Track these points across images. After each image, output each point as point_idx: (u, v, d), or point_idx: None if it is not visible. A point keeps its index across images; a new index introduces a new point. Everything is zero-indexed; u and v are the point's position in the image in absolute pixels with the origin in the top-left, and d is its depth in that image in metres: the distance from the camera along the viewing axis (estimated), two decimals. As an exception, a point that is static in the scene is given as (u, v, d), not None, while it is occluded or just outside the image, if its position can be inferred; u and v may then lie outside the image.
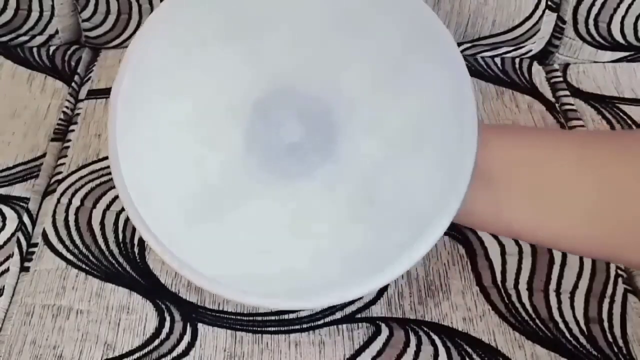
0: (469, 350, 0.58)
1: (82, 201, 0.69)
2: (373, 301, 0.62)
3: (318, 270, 0.51)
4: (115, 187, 0.69)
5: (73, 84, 0.84)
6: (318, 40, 0.53)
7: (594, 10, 0.82)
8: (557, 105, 0.80)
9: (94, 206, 0.68)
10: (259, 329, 0.60)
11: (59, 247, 0.66)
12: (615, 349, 0.58)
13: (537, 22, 0.83)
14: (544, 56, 0.87)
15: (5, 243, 0.67)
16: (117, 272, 0.64)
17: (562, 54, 0.86)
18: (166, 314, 0.61)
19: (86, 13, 0.85)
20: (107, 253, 0.65)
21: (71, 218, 0.68)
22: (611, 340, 0.59)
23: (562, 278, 0.62)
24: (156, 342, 0.59)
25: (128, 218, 0.67)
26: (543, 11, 0.82)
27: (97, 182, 0.70)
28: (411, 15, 0.51)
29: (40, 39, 0.87)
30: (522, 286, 0.62)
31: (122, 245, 0.65)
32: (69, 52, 0.88)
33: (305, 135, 0.53)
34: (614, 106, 0.80)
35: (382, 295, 0.62)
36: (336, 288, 0.49)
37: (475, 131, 0.49)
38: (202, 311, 0.61)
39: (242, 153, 0.53)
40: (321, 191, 0.53)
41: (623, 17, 0.81)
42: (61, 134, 0.78)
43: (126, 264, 0.64)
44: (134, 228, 0.66)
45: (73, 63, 0.86)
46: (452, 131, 0.50)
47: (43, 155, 0.75)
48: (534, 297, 0.61)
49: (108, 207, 0.68)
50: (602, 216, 0.45)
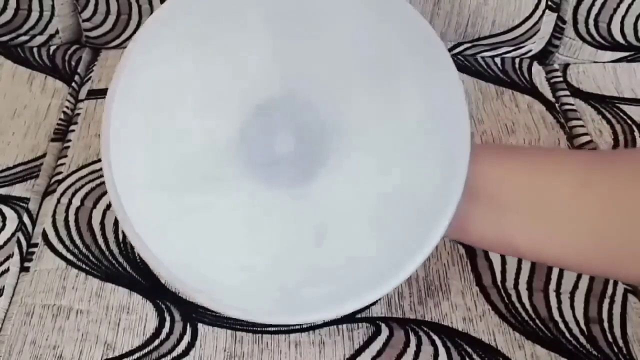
0: (469, 350, 0.58)
1: (82, 201, 0.69)
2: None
3: (283, 284, 0.50)
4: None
5: (73, 84, 0.84)
6: (346, 64, 0.52)
7: (594, 10, 0.82)
8: (557, 105, 0.80)
9: (94, 206, 0.68)
10: (259, 329, 0.60)
11: (59, 247, 0.66)
12: (615, 349, 0.58)
13: (537, 22, 0.83)
14: (544, 56, 0.87)
15: (5, 243, 0.67)
16: (117, 272, 0.64)
17: (562, 54, 0.86)
18: (166, 314, 0.61)
19: (86, 13, 0.85)
20: (107, 253, 0.65)
21: (71, 218, 0.68)
22: (611, 340, 0.59)
23: (562, 278, 0.62)
24: (156, 342, 0.59)
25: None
26: (543, 11, 0.82)
27: (97, 182, 0.70)
28: (407, 31, 0.50)
29: (40, 39, 0.87)
30: (522, 286, 0.62)
31: (122, 245, 0.65)
32: (69, 52, 0.88)
33: (293, 150, 0.53)
34: (614, 106, 0.80)
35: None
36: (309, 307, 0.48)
37: (467, 146, 0.48)
38: (202, 311, 0.61)
39: (228, 144, 0.52)
40: (291, 209, 0.52)
41: (623, 17, 0.81)
42: (61, 134, 0.78)
43: (126, 264, 0.64)
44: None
45: (73, 63, 0.86)
46: (445, 146, 0.49)
47: (43, 155, 0.75)
48: (534, 297, 0.61)
49: (108, 207, 0.68)
50: (606, 236, 0.45)
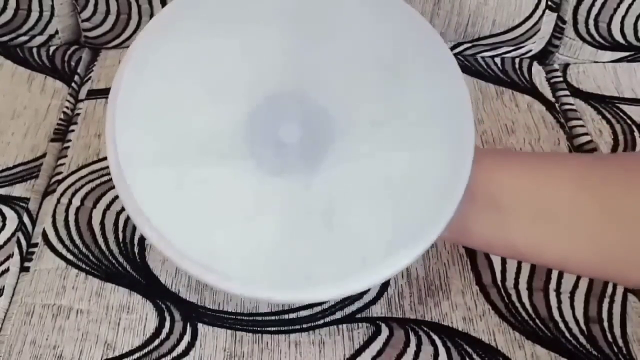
0: (469, 350, 0.58)
1: (82, 201, 0.69)
2: (373, 301, 0.62)
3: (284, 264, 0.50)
4: (115, 188, 0.70)
5: (73, 84, 0.84)
6: (355, 63, 0.53)
7: (594, 10, 0.82)
8: (557, 105, 0.80)
9: (94, 206, 0.68)
10: (259, 329, 0.60)
11: (59, 247, 0.66)
12: (615, 349, 0.58)
13: (537, 22, 0.83)
14: (544, 56, 0.87)
15: (5, 243, 0.67)
16: (117, 272, 0.64)
17: (562, 54, 0.86)
18: (166, 314, 0.61)
19: (86, 13, 0.85)
20: (107, 253, 0.65)
21: (71, 218, 0.68)
22: (611, 340, 0.59)
23: (562, 278, 0.62)
24: (156, 342, 0.59)
25: (128, 218, 0.67)
26: (543, 11, 0.82)
27: (97, 182, 0.70)
28: (400, 19, 0.51)
29: (40, 39, 0.87)
30: (522, 286, 0.62)
31: (122, 245, 0.65)
32: (69, 52, 0.88)
33: (299, 140, 0.53)
34: (614, 106, 0.80)
35: (382, 295, 0.62)
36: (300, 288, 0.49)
37: (472, 143, 0.49)
38: (202, 311, 0.61)
39: (238, 129, 0.52)
40: (287, 195, 0.52)
41: (623, 17, 0.81)
42: (61, 134, 0.78)
43: (126, 264, 0.64)
44: (134, 228, 0.66)
45: (73, 63, 0.86)
46: (450, 140, 0.50)
47: (43, 155, 0.75)
48: (534, 297, 0.61)
49: (108, 207, 0.68)
50: (604, 240, 0.46)
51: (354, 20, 0.52)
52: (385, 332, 0.59)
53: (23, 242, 0.67)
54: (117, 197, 0.69)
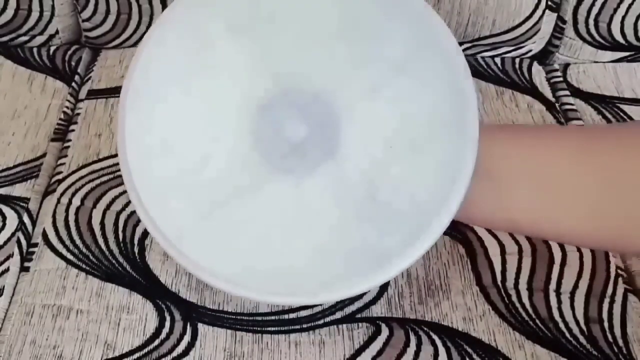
0: (469, 350, 0.58)
1: (82, 201, 0.69)
2: (373, 301, 0.62)
3: (318, 267, 0.52)
4: (115, 188, 0.70)
5: (73, 84, 0.84)
6: (324, 41, 0.53)
7: (594, 10, 0.82)
8: (557, 105, 0.80)
9: (94, 206, 0.68)
10: (259, 329, 0.60)
11: (59, 247, 0.66)
12: (615, 349, 0.58)
13: (537, 22, 0.83)
14: (544, 56, 0.87)
15: (5, 243, 0.67)
16: (117, 272, 0.64)
17: (562, 54, 0.86)
18: (166, 314, 0.61)
19: (86, 13, 0.85)
20: (107, 253, 0.65)
21: (71, 218, 0.68)
22: (611, 340, 0.59)
23: (562, 278, 0.62)
24: (156, 342, 0.59)
25: (128, 218, 0.67)
26: (543, 11, 0.82)
27: (97, 182, 0.70)
28: (416, 18, 0.52)
29: (40, 39, 0.87)
30: (522, 286, 0.62)
31: (122, 245, 0.65)
32: (69, 52, 0.88)
33: (307, 134, 0.54)
34: (614, 106, 0.80)
35: (382, 295, 0.62)
36: (337, 285, 0.51)
37: (476, 131, 0.49)
38: (202, 311, 0.61)
39: (248, 150, 0.54)
40: (322, 189, 0.54)
41: (623, 17, 0.81)
42: (61, 134, 0.78)
43: (126, 264, 0.64)
44: (134, 228, 0.66)
45: (73, 63, 0.86)
46: (454, 131, 0.51)
47: (43, 155, 0.75)
48: (534, 297, 0.61)
49: (108, 207, 0.68)
50: (606, 209, 0.46)
51: (370, 16, 0.53)
52: (385, 332, 0.59)
53: (23, 242, 0.67)
54: (117, 197, 0.69)
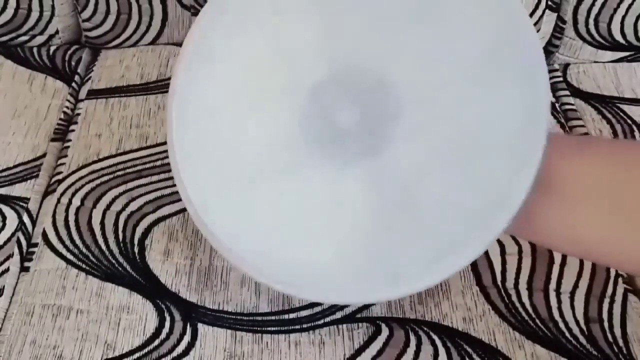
0: (469, 350, 0.58)
1: (82, 201, 0.69)
2: (373, 301, 0.62)
3: (336, 266, 0.50)
4: (115, 188, 0.70)
5: (73, 84, 0.84)
6: (396, 28, 0.50)
7: (594, 10, 0.82)
8: (557, 105, 0.80)
9: (94, 206, 0.68)
10: (259, 329, 0.60)
11: (59, 247, 0.66)
12: (615, 349, 0.58)
13: (537, 22, 0.83)
14: (544, 56, 0.87)
15: (5, 243, 0.67)
16: (117, 272, 0.64)
17: (562, 54, 0.86)
18: (166, 314, 0.61)
19: (86, 13, 0.85)
20: (107, 253, 0.65)
21: (71, 218, 0.68)
22: (611, 340, 0.59)
23: (562, 278, 0.62)
24: (156, 342, 0.59)
25: (128, 218, 0.67)
26: (543, 11, 0.82)
27: (97, 182, 0.70)
28: (502, 18, 0.47)
29: (40, 39, 0.87)
30: (522, 286, 0.62)
31: (122, 245, 0.65)
32: (69, 52, 0.88)
33: (356, 123, 0.51)
34: (614, 106, 0.80)
35: (382, 295, 0.62)
36: (349, 290, 0.49)
37: (538, 160, 0.46)
38: (202, 311, 0.61)
39: (291, 129, 0.52)
40: (357, 185, 0.51)
41: (623, 17, 0.81)
42: (61, 134, 0.78)
43: (126, 264, 0.64)
44: (134, 228, 0.66)
45: (73, 63, 0.86)
46: (514, 153, 0.47)
47: (43, 155, 0.75)
48: (534, 297, 0.61)
49: (108, 207, 0.68)
50: None
51: (451, 7, 0.49)
52: (385, 332, 0.59)
53: (23, 242, 0.67)
54: (117, 197, 0.69)
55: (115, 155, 0.73)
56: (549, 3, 0.82)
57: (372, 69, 0.51)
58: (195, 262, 0.64)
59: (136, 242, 0.66)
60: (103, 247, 0.65)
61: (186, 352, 0.58)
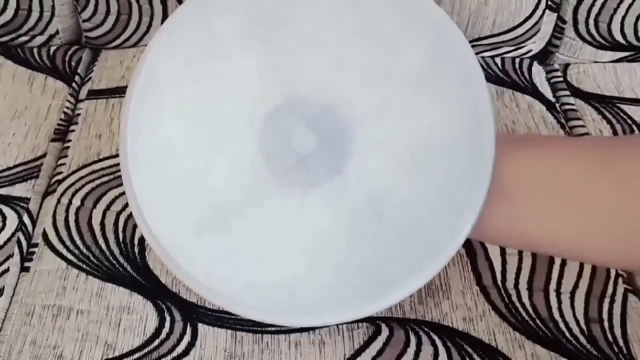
0: (469, 350, 0.58)
1: (83, 201, 0.69)
2: (373, 301, 0.62)
3: (317, 286, 0.52)
4: (115, 188, 0.70)
5: (73, 85, 0.84)
6: (337, 49, 0.52)
7: (594, 10, 0.82)
8: (557, 105, 0.80)
9: (94, 206, 0.68)
10: (259, 329, 0.60)
11: (59, 247, 0.66)
12: (615, 349, 0.58)
13: (538, 22, 0.83)
14: (544, 56, 0.87)
15: (5, 243, 0.67)
16: (118, 272, 0.64)
17: (563, 54, 0.86)
18: (166, 314, 0.61)
19: (86, 13, 0.85)
20: (108, 253, 0.65)
21: (71, 218, 0.68)
22: (611, 340, 0.59)
23: (562, 278, 0.62)
24: (156, 342, 0.59)
25: (128, 218, 0.67)
26: (543, 11, 0.82)
27: (98, 183, 0.71)
28: (433, 29, 0.51)
29: (40, 40, 0.87)
30: (522, 286, 0.62)
31: (123, 245, 0.65)
32: (70, 53, 0.88)
33: (315, 148, 0.53)
34: (614, 106, 0.80)
35: (382, 295, 0.62)
36: (339, 308, 0.51)
37: (491, 154, 0.48)
38: (202, 311, 0.61)
39: (252, 161, 0.53)
40: (326, 207, 0.53)
41: (623, 17, 0.81)
42: (61, 134, 0.78)
43: (126, 264, 0.64)
44: (134, 228, 0.66)
45: (73, 63, 0.87)
46: (468, 154, 0.49)
47: (43, 155, 0.75)
48: (534, 297, 0.61)
49: (108, 207, 0.68)
50: (626, 226, 0.44)
51: (387, 27, 0.52)
52: (385, 332, 0.59)
53: (23, 242, 0.67)
54: (117, 198, 0.69)
55: (115, 155, 0.73)
56: (549, 3, 0.82)
57: (320, 93, 0.53)
58: (195, 262, 0.64)
59: (136, 243, 0.66)
60: (103, 248, 0.65)
61: (186, 352, 0.58)
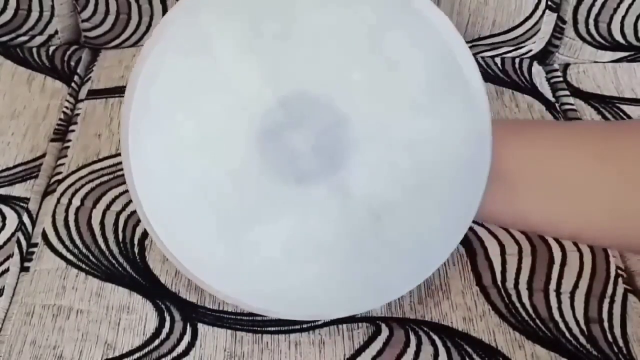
0: (469, 350, 0.58)
1: (82, 201, 0.69)
2: (373, 301, 0.62)
3: (318, 294, 0.55)
4: (115, 188, 0.70)
5: (73, 84, 0.84)
6: (342, 65, 0.51)
7: (594, 10, 0.82)
8: (557, 105, 0.80)
9: (94, 206, 0.68)
10: (259, 329, 0.60)
11: (59, 247, 0.66)
12: (615, 349, 0.58)
13: (537, 22, 0.83)
14: (544, 56, 0.87)
15: (5, 243, 0.67)
16: (117, 272, 0.64)
17: (562, 54, 0.86)
18: (166, 314, 0.61)
19: (86, 13, 0.85)
20: (107, 253, 0.65)
21: (71, 218, 0.68)
22: (611, 340, 0.59)
23: (562, 278, 0.62)
24: (156, 342, 0.59)
25: (128, 218, 0.67)
26: (543, 11, 0.82)
27: (97, 182, 0.70)
28: (442, 48, 0.49)
29: (40, 39, 0.87)
30: (522, 286, 0.62)
31: (122, 245, 0.65)
32: (69, 53, 0.88)
33: (315, 164, 0.53)
34: (614, 106, 0.80)
35: (382, 295, 0.62)
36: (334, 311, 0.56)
37: (485, 177, 0.50)
38: (202, 311, 0.61)
39: (254, 174, 0.53)
40: (326, 219, 0.54)
41: (623, 17, 0.81)
42: (61, 134, 0.78)
43: (126, 264, 0.64)
44: (134, 228, 0.66)
45: (73, 63, 0.86)
46: (467, 176, 0.51)
47: (43, 155, 0.75)
48: (534, 297, 0.61)
49: (108, 207, 0.68)
50: (625, 207, 0.45)
51: (394, 42, 0.51)
52: (385, 332, 0.59)
53: (23, 242, 0.67)
54: (117, 197, 0.69)
55: (115, 155, 0.73)
56: (549, 3, 0.82)
57: (320, 110, 0.52)
58: (195, 262, 0.64)
59: (136, 242, 0.66)
60: (103, 247, 0.65)
61: (186, 352, 0.58)
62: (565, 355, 0.58)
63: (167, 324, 0.60)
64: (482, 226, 0.66)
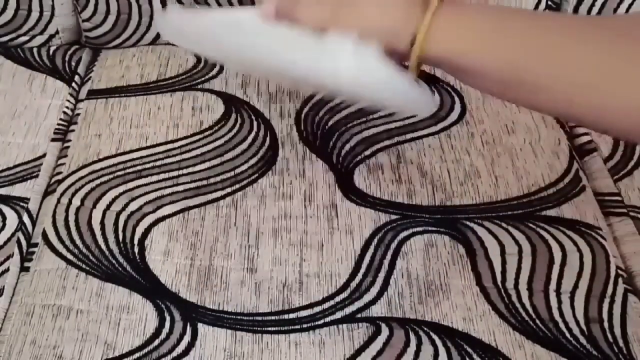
0: (469, 350, 0.58)
1: (82, 201, 0.69)
2: (373, 301, 0.61)
3: None
4: (115, 188, 0.70)
5: (73, 84, 0.84)
6: None
7: (594, 10, 0.82)
8: (558, 105, 0.80)
9: (94, 206, 0.68)
10: (259, 329, 0.60)
11: (59, 247, 0.66)
12: (615, 349, 0.58)
13: (538, 22, 0.83)
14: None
15: (5, 243, 0.67)
16: (117, 272, 0.64)
17: (563, 54, 0.86)
18: (166, 314, 0.61)
19: (86, 13, 0.85)
20: (107, 253, 0.65)
21: (71, 218, 0.68)
22: (611, 340, 0.59)
23: (562, 278, 0.62)
24: (156, 342, 0.59)
25: (128, 218, 0.67)
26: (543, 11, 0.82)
27: (97, 182, 0.70)
28: None
29: (40, 39, 0.87)
30: (522, 286, 0.62)
31: (122, 245, 0.65)
32: (69, 53, 0.88)
33: None
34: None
35: (382, 295, 0.62)
36: None
37: None
38: (202, 311, 0.61)
39: None
40: None
41: (623, 17, 0.81)
42: (61, 134, 0.78)
43: (126, 264, 0.64)
44: (134, 228, 0.66)
45: (73, 63, 0.86)
46: None
47: (43, 155, 0.75)
48: (534, 297, 0.61)
49: (108, 207, 0.68)
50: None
51: None
52: (385, 332, 0.59)
53: (23, 242, 0.67)
54: (117, 197, 0.69)
55: (115, 155, 0.73)
56: (549, 3, 0.82)
57: None
58: (195, 262, 0.64)
59: (136, 242, 0.66)
60: (103, 247, 0.65)
61: (186, 352, 0.58)
62: (565, 355, 0.58)
63: (167, 324, 0.60)
64: (482, 226, 0.66)
